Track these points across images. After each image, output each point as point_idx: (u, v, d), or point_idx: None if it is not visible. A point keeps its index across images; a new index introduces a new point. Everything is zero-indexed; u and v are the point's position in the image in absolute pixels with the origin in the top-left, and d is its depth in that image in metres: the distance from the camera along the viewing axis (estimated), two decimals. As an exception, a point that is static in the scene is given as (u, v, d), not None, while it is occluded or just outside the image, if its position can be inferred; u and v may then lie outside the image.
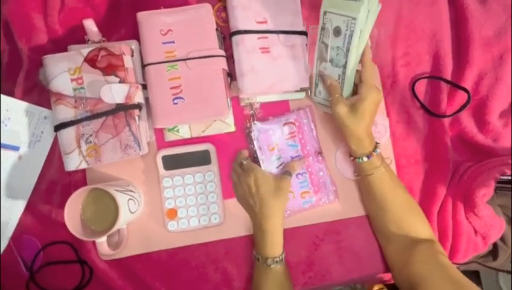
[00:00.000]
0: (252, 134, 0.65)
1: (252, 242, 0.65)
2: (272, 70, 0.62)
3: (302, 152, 0.67)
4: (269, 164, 0.65)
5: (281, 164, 0.66)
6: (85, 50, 0.59)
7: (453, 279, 0.52)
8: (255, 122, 0.66)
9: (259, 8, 0.63)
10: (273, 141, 0.66)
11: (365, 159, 0.59)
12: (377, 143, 0.61)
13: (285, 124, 0.66)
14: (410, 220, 0.60)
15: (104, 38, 0.63)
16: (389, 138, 0.69)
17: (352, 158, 0.62)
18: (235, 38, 0.62)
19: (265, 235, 0.59)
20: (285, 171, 0.63)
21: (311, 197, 0.66)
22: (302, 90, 0.65)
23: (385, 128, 0.67)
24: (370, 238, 0.68)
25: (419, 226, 0.60)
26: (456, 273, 0.53)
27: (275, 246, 0.59)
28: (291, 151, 0.66)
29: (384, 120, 0.67)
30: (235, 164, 0.65)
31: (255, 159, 0.66)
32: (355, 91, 0.61)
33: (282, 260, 0.59)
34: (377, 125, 0.66)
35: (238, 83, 0.63)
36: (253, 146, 0.66)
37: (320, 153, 0.67)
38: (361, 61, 0.58)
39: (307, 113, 0.67)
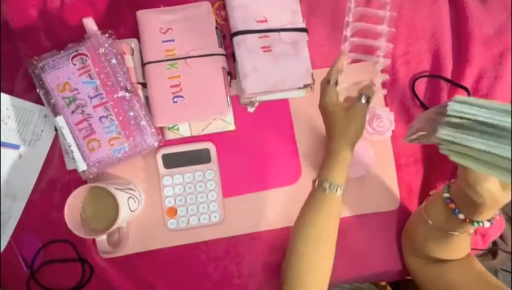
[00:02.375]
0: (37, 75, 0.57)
1: (253, 240, 0.65)
2: (275, 68, 0.62)
3: (103, 89, 0.57)
4: (63, 109, 0.57)
5: (76, 108, 0.57)
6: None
7: (494, 285, 0.50)
8: (36, 58, 0.58)
9: (259, 7, 0.63)
10: (62, 79, 0.57)
11: (483, 224, 0.49)
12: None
13: (74, 56, 0.57)
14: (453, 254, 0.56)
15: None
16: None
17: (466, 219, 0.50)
18: (236, 39, 0.62)
19: (335, 157, 0.53)
20: (363, 94, 0.53)
21: (122, 144, 0.58)
22: (305, 86, 0.65)
23: (390, 122, 0.65)
24: (371, 237, 0.68)
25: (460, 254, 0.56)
26: (493, 279, 0.52)
27: (342, 170, 0.52)
28: (88, 90, 0.57)
29: (389, 114, 0.66)
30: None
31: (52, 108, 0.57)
32: None
33: (336, 189, 0.51)
34: (382, 119, 0.64)
35: (241, 84, 0.63)
36: (40, 90, 0.58)
37: (127, 88, 0.58)
38: None
39: (102, 41, 0.58)
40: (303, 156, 0.68)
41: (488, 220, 0.49)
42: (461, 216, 0.50)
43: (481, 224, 0.49)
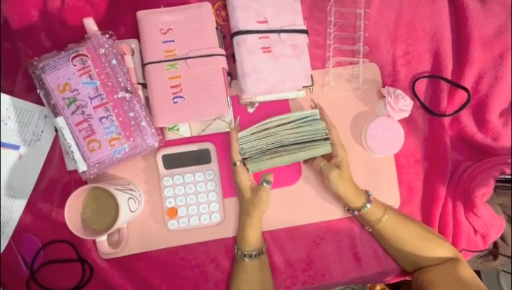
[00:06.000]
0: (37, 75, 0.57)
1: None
2: (274, 69, 0.62)
3: (104, 90, 0.57)
4: (63, 110, 0.57)
5: (77, 108, 0.57)
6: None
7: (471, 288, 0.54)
8: (36, 58, 0.58)
9: (260, 7, 0.63)
10: (62, 80, 0.57)
11: (356, 212, 0.62)
12: (368, 195, 0.62)
13: (74, 57, 0.57)
14: (428, 250, 0.61)
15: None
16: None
17: (348, 210, 0.65)
18: (236, 39, 0.62)
19: (242, 229, 0.62)
20: (264, 180, 0.61)
21: (122, 145, 0.58)
22: (304, 87, 0.65)
23: (410, 101, 0.66)
24: (370, 238, 0.68)
25: (438, 252, 0.61)
26: (475, 285, 0.55)
27: (247, 241, 0.61)
28: (89, 90, 0.57)
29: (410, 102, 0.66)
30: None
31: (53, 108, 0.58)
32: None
33: (254, 256, 0.61)
34: (406, 98, 0.64)
35: (240, 84, 0.63)
36: (40, 91, 0.58)
37: (127, 89, 0.58)
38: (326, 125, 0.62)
39: (103, 42, 0.58)
40: (303, 157, 0.68)
41: (358, 210, 0.62)
42: (347, 210, 0.66)
43: (356, 212, 0.62)
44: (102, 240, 0.60)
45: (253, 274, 0.61)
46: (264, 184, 0.60)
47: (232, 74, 0.65)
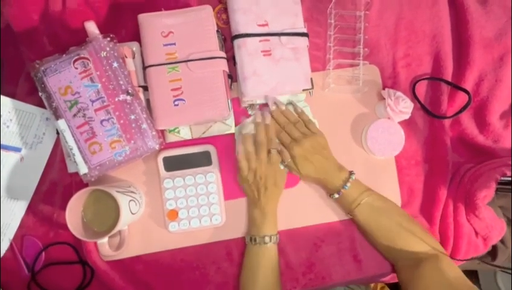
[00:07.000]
0: (39, 78, 0.58)
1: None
2: (274, 72, 0.62)
3: (105, 93, 0.57)
4: (65, 113, 0.58)
5: (78, 111, 0.57)
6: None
7: None
8: (38, 61, 0.58)
9: (260, 10, 0.63)
10: (64, 83, 0.57)
11: (336, 195, 0.63)
12: (350, 174, 0.63)
13: (76, 60, 0.57)
14: (401, 243, 0.61)
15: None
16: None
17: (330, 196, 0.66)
18: (236, 42, 0.63)
19: (266, 217, 0.63)
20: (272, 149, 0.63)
21: (123, 147, 0.58)
22: (304, 90, 0.65)
23: (411, 103, 0.66)
24: (370, 240, 0.68)
25: (415, 246, 0.60)
26: (464, 286, 0.54)
27: (272, 225, 0.64)
28: (90, 93, 0.57)
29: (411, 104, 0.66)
30: (249, 145, 0.63)
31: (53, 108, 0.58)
32: None
33: (277, 241, 0.64)
34: (406, 100, 0.65)
35: (240, 87, 0.63)
36: (42, 93, 0.59)
37: (128, 91, 0.58)
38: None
39: (104, 45, 0.58)
40: (304, 159, 0.69)
41: (337, 193, 0.63)
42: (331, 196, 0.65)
43: (335, 196, 0.63)
44: (103, 242, 0.60)
45: (275, 258, 0.63)
46: (273, 152, 0.63)
47: (232, 77, 0.65)
